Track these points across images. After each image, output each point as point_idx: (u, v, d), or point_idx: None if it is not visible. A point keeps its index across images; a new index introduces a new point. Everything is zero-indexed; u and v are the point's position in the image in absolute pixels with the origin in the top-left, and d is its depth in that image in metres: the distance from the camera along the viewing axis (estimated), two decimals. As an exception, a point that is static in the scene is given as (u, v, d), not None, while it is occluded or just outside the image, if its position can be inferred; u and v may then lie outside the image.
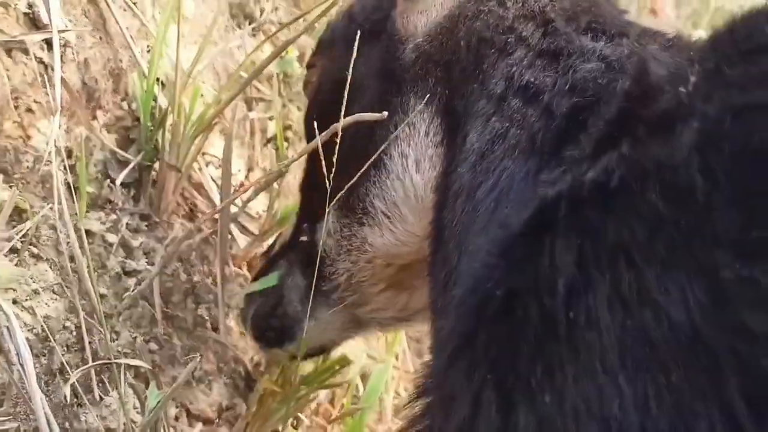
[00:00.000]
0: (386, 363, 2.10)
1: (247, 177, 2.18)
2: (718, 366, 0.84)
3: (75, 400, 1.61)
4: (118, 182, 1.85)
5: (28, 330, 1.56)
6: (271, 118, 2.27)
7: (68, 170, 1.75)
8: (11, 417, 1.46)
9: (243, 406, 1.85)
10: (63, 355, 1.60)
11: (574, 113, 1.20)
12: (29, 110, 1.68)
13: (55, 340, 1.60)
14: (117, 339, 1.70)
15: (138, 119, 1.91)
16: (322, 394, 1.99)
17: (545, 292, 0.99)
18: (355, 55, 1.40)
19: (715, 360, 0.85)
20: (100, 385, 1.65)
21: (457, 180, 1.27)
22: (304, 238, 1.54)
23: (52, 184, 1.68)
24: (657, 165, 1.00)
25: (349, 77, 1.39)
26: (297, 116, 2.37)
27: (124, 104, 1.93)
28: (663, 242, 0.93)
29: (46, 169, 1.69)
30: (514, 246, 1.10)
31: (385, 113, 1.34)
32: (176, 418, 1.77)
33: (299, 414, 1.91)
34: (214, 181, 2.01)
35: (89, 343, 1.65)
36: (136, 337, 1.73)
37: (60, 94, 1.69)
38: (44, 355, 1.58)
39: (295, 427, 1.87)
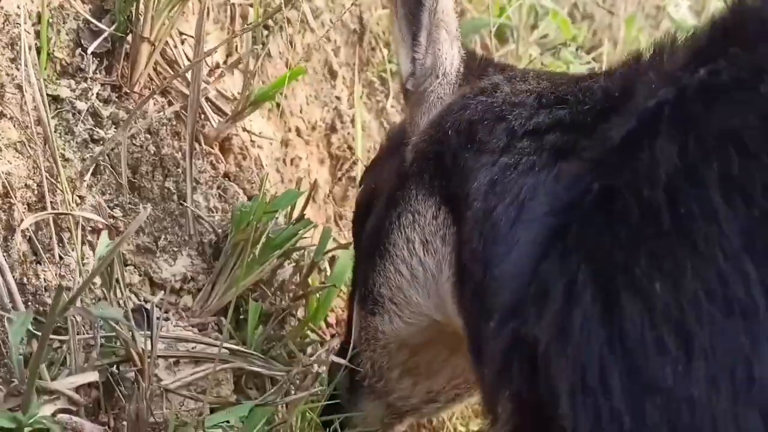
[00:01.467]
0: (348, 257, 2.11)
1: (225, 61, 2.16)
2: None
3: (34, 257, 1.62)
4: (89, 51, 1.85)
5: (-9, 183, 1.57)
6: (251, 5, 2.24)
7: (38, 36, 1.74)
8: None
9: (207, 278, 1.85)
10: (23, 213, 1.60)
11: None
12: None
13: (16, 197, 1.60)
14: (80, 203, 1.71)
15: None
16: (288, 270, 1.99)
17: (645, 185, 0.99)
18: (381, 166, 1.66)
19: None
20: (60, 244, 1.66)
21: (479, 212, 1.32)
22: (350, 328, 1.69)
23: (20, 46, 1.67)
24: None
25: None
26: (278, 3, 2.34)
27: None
28: None
29: (15, 32, 1.68)
30: (609, 155, 1.11)
31: None
32: (139, 286, 1.78)
33: (263, 287, 1.91)
34: (188, 60, 1.99)
35: (50, 203, 1.65)
36: (100, 203, 1.73)
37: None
38: (4, 211, 1.59)
39: (256, 300, 1.86)
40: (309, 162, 2.42)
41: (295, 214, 1.96)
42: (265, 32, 2.29)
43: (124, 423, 1.52)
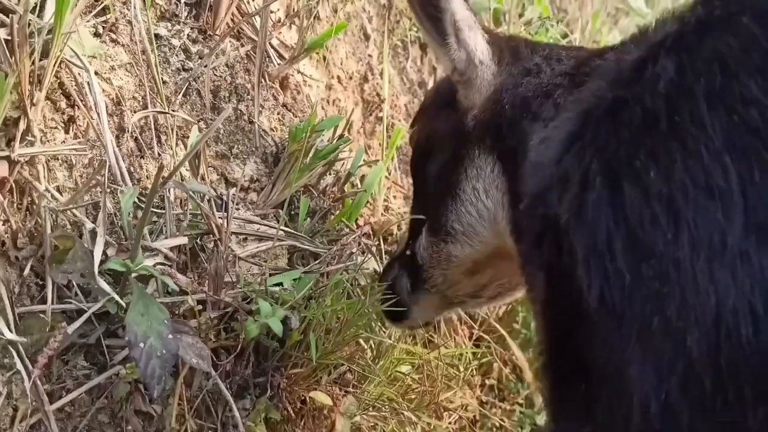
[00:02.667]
0: (381, 165, 2.12)
1: (286, 17, 2.16)
2: None
3: (139, 153, 1.64)
4: (182, 1, 1.85)
5: (106, 95, 1.58)
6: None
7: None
8: (85, 149, 1.49)
9: (268, 179, 1.87)
10: (131, 116, 1.62)
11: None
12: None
13: (125, 105, 1.62)
14: (173, 117, 1.72)
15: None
16: (330, 179, 2.00)
17: (648, 94, 1.01)
18: (439, 118, 1.69)
19: None
20: (158, 143, 1.68)
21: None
22: (408, 252, 1.72)
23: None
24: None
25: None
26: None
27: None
28: (758, 54, 0.95)
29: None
30: (622, 74, 1.13)
31: None
32: (217, 183, 1.80)
33: (311, 189, 1.93)
34: (258, 14, 1.99)
35: (153, 115, 1.67)
36: (190, 124, 1.75)
37: None
38: (117, 116, 1.60)
39: (308, 194, 1.89)
40: (346, 103, 2.42)
41: (336, 135, 1.98)
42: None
43: (206, 279, 1.55)
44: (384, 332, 1.92)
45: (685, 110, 0.96)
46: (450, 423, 2.00)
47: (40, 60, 1.41)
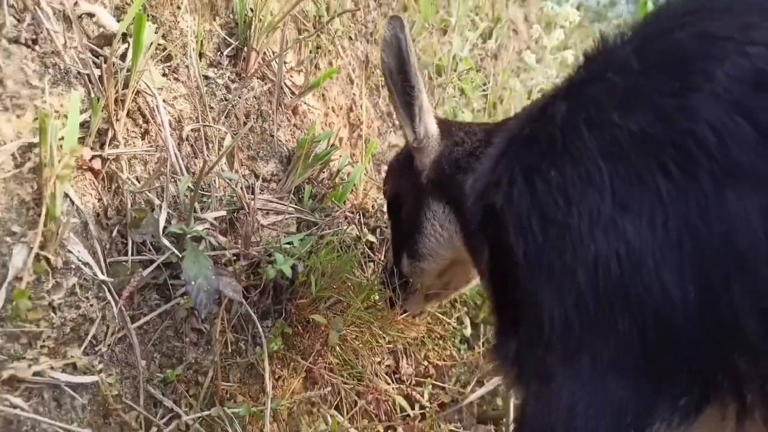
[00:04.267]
0: (361, 165, 2.07)
1: (295, 65, 2.11)
2: (653, 151, 0.87)
3: (193, 154, 1.59)
4: (224, 54, 1.79)
5: (170, 115, 1.53)
6: (310, 37, 2.19)
7: (197, 43, 1.68)
8: (155, 151, 1.44)
9: (283, 174, 1.82)
10: (188, 131, 1.56)
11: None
12: None
13: (184, 123, 1.56)
14: (218, 131, 1.67)
15: (237, 22, 1.83)
16: (326, 174, 1.96)
17: (549, 125, 0.99)
18: (401, 180, 1.62)
19: (651, 146, 0.87)
20: (206, 148, 1.62)
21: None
22: (395, 270, 1.67)
23: (188, 48, 1.62)
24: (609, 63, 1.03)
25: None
26: (324, 40, 2.27)
27: (230, 14, 1.85)
28: (618, 95, 0.94)
29: (186, 41, 1.63)
30: (532, 116, 1.11)
31: None
32: (248, 177, 1.75)
33: (312, 180, 1.89)
34: (276, 63, 1.94)
35: (203, 128, 1.61)
36: (226, 134, 1.69)
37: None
38: (178, 129, 1.55)
39: (310, 184, 1.84)
40: (338, 125, 2.37)
41: (329, 144, 1.94)
42: (316, 53, 2.23)
43: (239, 240, 1.50)
44: (363, 275, 1.88)
45: (573, 134, 0.95)
46: (406, 336, 1.97)
47: (123, 89, 1.35)
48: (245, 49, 1.84)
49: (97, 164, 1.29)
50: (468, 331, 2.25)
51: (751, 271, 0.78)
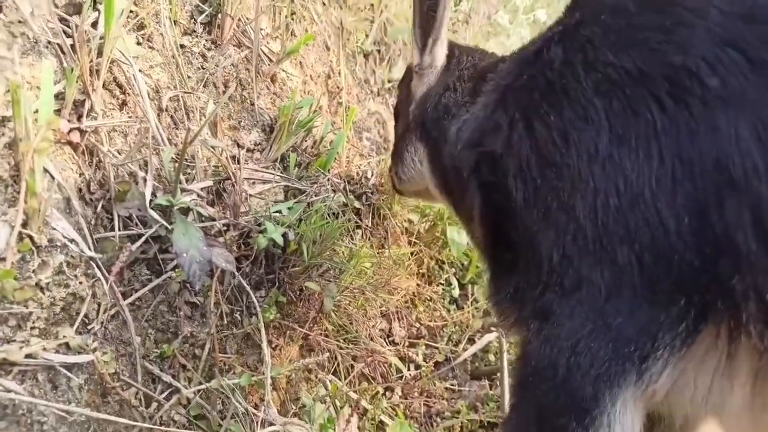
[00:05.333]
0: (343, 132, 2.00)
1: (272, 31, 2.02)
2: (647, 86, 0.86)
3: (173, 125, 1.51)
4: (198, 21, 1.70)
5: (148, 86, 1.44)
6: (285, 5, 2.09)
7: (171, 11, 1.59)
8: (134, 122, 1.35)
9: (267, 143, 1.75)
10: (167, 101, 1.48)
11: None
12: (145, -34, 1.50)
13: (162, 92, 1.48)
14: (198, 100, 1.58)
15: (209, -13, 1.73)
16: (309, 142, 1.89)
17: (546, 70, 0.97)
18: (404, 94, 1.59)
19: (645, 82, 0.86)
20: (188, 118, 1.54)
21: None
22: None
23: (162, 16, 1.53)
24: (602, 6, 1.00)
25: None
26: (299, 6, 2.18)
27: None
28: (612, 35, 0.93)
29: (159, 8, 1.53)
30: (528, 61, 1.06)
31: None
32: (231, 147, 1.67)
33: (296, 148, 1.82)
34: (251, 29, 1.84)
35: (182, 96, 1.53)
36: (208, 101, 1.61)
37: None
38: (156, 99, 1.47)
39: (295, 152, 1.77)
40: (316, 93, 2.29)
41: (311, 111, 1.86)
42: (291, 18, 2.14)
43: (228, 210, 1.44)
44: (352, 242, 1.84)
45: (570, 76, 0.93)
46: (397, 299, 1.94)
47: (97, 58, 1.26)
48: (219, 15, 1.74)
49: (75, 137, 1.21)
50: (456, 292, 2.23)
51: (743, 187, 0.77)
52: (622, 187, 0.84)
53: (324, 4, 2.59)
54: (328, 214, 1.62)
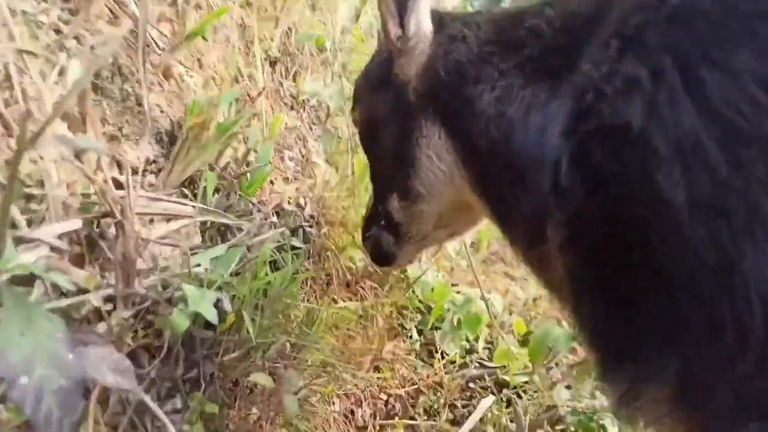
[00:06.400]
0: (269, 144, 1.43)
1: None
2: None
3: (6, 133, 0.85)
4: (46, -24, 1.06)
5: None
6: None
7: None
8: None
9: (166, 160, 1.12)
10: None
11: None
12: None
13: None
14: (51, 93, 0.94)
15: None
16: (228, 155, 1.29)
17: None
18: (375, 100, 1.08)
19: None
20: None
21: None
22: (381, 213, 1.13)
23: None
24: None
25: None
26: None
27: None
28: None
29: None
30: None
31: None
32: (109, 168, 1.03)
33: (214, 165, 1.20)
34: (135, 3, 1.23)
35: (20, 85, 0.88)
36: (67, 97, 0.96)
37: None
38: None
39: (212, 172, 1.16)
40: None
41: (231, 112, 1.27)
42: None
43: (112, 270, 0.81)
44: (308, 298, 1.25)
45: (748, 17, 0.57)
46: (361, 371, 1.37)
47: None
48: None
49: None
50: (418, 345, 1.71)
51: None
52: None
53: (222, -6, 2.01)
54: (272, 262, 1.04)
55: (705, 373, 0.57)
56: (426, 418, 1.53)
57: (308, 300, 1.31)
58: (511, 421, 1.48)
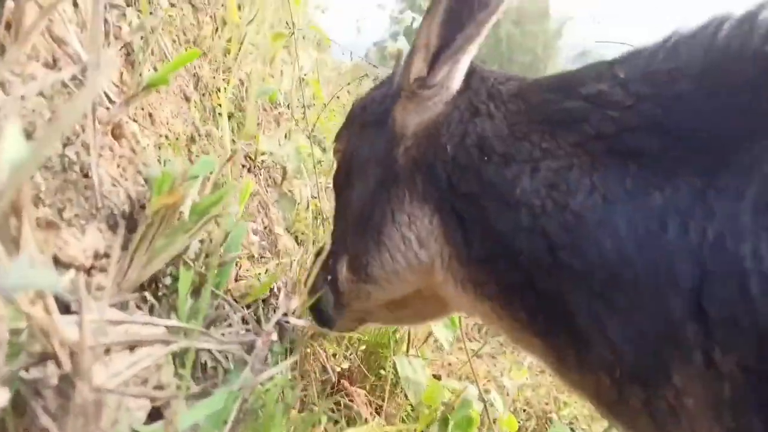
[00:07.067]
0: (243, 224, 1.14)
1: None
2: None
3: None
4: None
5: None
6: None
7: None
8: None
9: (121, 252, 0.81)
10: None
11: None
12: None
13: None
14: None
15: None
16: (195, 245, 0.98)
17: None
18: (363, 138, 0.89)
19: None
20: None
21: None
22: (331, 267, 0.94)
23: None
24: None
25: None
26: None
27: None
28: None
29: None
30: None
31: None
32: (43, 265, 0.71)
33: (184, 257, 0.90)
34: (79, 41, 0.95)
35: None
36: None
37: None
38: None
39: (186, 266, 0.86)
40: (176, 162, 1.41)
41: (209, 184, 0.98)
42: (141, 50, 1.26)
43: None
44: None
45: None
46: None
47: None
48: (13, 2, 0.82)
49: None
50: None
51: None
52: None
53: (174, 41, 1.75)
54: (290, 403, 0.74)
55: None
56: None
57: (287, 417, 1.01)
58: None
